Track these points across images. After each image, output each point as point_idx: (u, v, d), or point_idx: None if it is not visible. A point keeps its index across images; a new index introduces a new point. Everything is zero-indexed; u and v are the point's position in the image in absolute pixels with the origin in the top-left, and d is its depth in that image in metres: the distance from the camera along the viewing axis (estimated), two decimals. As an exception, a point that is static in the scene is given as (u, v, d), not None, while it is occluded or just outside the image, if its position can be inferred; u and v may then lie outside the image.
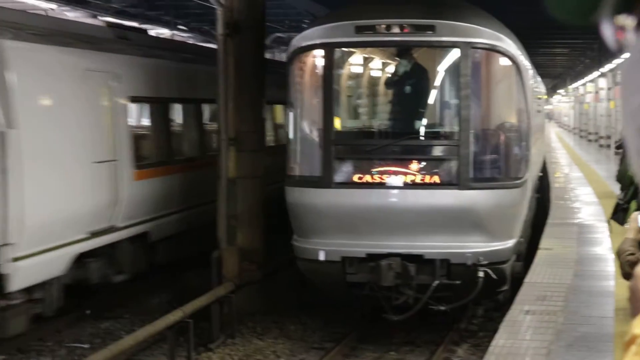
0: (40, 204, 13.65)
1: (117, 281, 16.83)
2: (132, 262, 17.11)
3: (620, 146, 21.03)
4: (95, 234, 15.45)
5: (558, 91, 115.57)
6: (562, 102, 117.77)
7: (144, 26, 27.44)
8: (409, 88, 15.06)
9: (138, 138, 17.35)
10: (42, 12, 26.36)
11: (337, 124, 14.61)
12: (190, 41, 39.53)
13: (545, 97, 47.34)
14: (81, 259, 15.27)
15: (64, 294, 14.90)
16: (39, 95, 14.05)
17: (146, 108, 18.32)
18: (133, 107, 17.46)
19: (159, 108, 18.55)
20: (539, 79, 31.18)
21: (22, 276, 13.39)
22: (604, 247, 15.52)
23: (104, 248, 15.97)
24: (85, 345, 15.21)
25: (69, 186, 14.52)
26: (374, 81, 17.49)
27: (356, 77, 16.69)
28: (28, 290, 13.87)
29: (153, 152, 18.10)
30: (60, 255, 14.40)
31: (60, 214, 14.25)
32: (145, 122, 18.46)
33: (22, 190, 13.11)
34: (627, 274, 8.93)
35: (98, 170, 15.37)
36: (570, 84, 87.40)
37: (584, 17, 1.64)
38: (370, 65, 17.30)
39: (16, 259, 13.16)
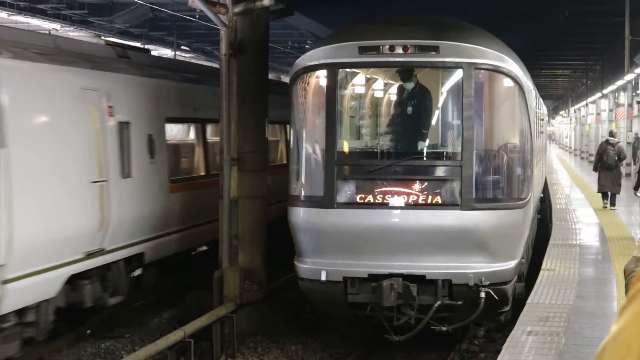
0: (28, 225, 13.15)
1: (111, 304, 16.41)
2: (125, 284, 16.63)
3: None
4: (89, 255, 15.02)
5: (559, 112, 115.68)
6: (563, 124, 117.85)
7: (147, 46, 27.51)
8: (412, 109, 15.07)
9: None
10: (46, 32, 26.42)
11: (340, 144, 14.60)
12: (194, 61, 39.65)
13: (547, 118, 47.40)
14: (74, 281, 14.85)
15: (59, 317, 14.56)
16: (32, 113, 13.70)
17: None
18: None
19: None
20: (541, 100, 31.23)
21: (12, 298, 12.98)
22: (605, 267, 15.51)
23: (97, 270, 15.50)
24: (86, 365, 15.17)
25: (64, 206, 14.16)
26: (377, 101, 17.51)
27: (359, 97, 16.71)
28: (19, 313, 13.48)
29: None
30: (52, 277, 13.99)
31: (54, 234, 13.86)
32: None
33: (11, 210, 12.66)
34: None
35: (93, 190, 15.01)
36: (572, 106, 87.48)
37: None
38: (373, 86, 17.32)
39: (6, 281, 12.74)
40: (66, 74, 14.59)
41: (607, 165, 25.44)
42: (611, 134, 27.60)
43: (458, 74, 14.16)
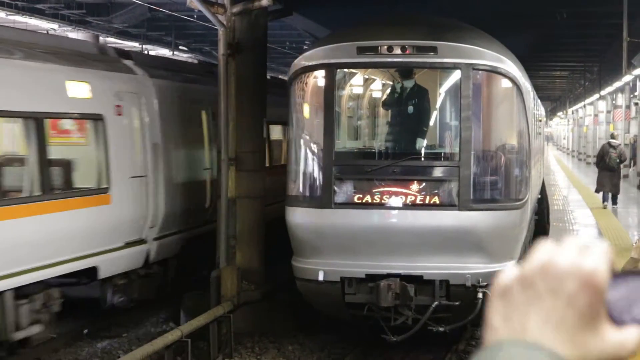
0: (170, 198, 17.74)
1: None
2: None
3: None
4: (200, 225, 19.25)
5: (557, 114, 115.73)
6: (561, 125, 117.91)
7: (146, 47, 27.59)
8: (410, 109, 15.08)
9: None
10: (44, 32, 26.45)
11: (338, 144, 14.61)
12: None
13: (545, 119, 47.41)
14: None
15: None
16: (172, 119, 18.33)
17: None
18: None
19: None
20: (539, 101, 31.25)
21: (158, 252, 17.42)
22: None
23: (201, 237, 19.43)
24: (84, 364, 15.21)
25: (190, 187, 18.83)
26: (375, 102, 17.52)
27: (357, 97, 16.71)
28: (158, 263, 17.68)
29: None
30: (180, 238, 18.46)
31: (184, 207, 18.37)
32: None
33: (159, 189, 17.29)
34: None
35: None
36: (570, 107, 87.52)
37: None
38: (371, 86, 17.32)
39: (155, 238, 17.27)
40: (190, 90, 19.52)
41: (608, 167, 26.17)
42: (612, 136, 28.27)
43: (456, 75, 14.17)
